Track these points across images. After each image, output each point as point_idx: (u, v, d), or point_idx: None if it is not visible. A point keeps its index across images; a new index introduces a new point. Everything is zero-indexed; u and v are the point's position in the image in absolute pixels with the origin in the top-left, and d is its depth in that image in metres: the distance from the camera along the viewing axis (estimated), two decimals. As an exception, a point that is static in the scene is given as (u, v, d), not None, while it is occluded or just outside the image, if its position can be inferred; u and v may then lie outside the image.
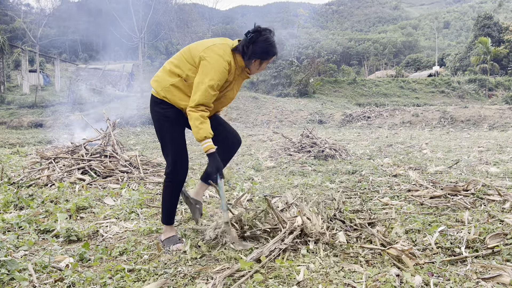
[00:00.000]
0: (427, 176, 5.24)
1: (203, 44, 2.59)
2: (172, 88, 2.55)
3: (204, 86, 2.44)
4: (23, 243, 2.80)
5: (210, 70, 2.46)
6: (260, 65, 2.66)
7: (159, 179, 5.20)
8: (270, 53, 2.61)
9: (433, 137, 12.86)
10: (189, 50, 2.59)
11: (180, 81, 2.56)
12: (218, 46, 2.55)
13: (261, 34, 2.56)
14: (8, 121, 20.17)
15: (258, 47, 2.56)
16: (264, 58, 2.62)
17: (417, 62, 58.53)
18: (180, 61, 2.58)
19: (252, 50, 2.55)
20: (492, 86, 34.39)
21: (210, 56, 2.49)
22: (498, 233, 2.64)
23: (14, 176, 5.26)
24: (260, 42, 2.56)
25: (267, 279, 2.20)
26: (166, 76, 2.58)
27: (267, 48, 2.58)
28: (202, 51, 2.52)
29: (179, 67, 2.57)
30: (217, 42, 2.60)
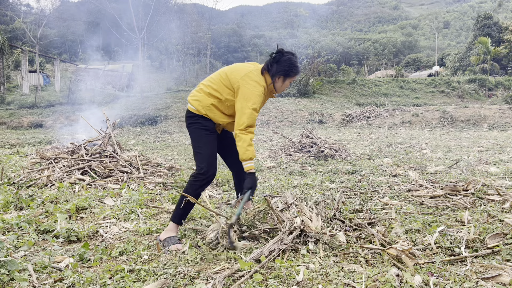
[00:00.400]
0: (427, 176, 5.24)
1: (239, 71, 2.91)
2: (212, 107, 2.92)
3: (248, 110, 2.79)
4: (23, 243, 2.80)
5: (251, 95, 2.81)
6: (283, 82, 2.97)
7: (159, 179, 5.20)
8: (293, 71, 2.94)
9: (433, 137, 12.86)
10: (227, 76, 2.91)
11: (218, 102, 2.92)
12: (253, 73, 2.89)
13: (283, 55, 2.93)
14: (8, 122, 20.17)
15: (281, 66, 2.91)
16: (287, 75, 2.94)
17: (417, 62, 58.54)
18: (219, 86, 2.92)
19: (276, 69, 2.91)
20: (492, 86, 34.38)
21: (249, 83, 2.84)
22: (498, 233, 2.64)
23: (14, 177, 5.26)
24: (283, 61, 2.91)
25: (267, 279, 2.20)
26: (207, 97, 2.93)
27: (289, 67, 2.92)
28: (241, 79, 2.85)
29: (218, 91, 2.91)
30: (252, 68, 2.93)
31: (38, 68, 31.81)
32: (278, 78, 2.95)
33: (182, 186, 4.92)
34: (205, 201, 3.27)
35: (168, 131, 17.92)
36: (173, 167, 6.07)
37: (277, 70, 2.91)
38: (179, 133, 17.52)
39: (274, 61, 2.91)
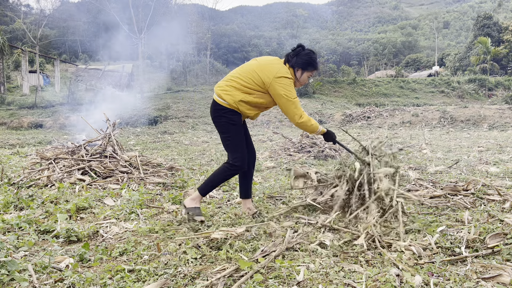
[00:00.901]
0: (427, 176, 5.24)
1: (270, 71, 3.10)
2: (242, 102, 3.14)
3: (294, 100, 3.10)
4: (23, 243, 2.80)
5: (289, 89, 3.09)
6: (301, 75, 3.21)
7: (159, 179, 5.20)
8: (311, 65, 3.20)
9: (433, 137, 12.86)
10: (259, 76, 3.11)
11: (248, 96, 3.14)
12: (281, 71, 3.11)
13: (304, 49, 3.21)
14: (8, 122, 20.17)
15: (301, 59, 3.17)
16: (305, 69, 3.20)
17: (417, 62, 58.54)
18: (249, 82, 3.13)
19: (296, 61, 3.17)
20: (491, 86, 34.39)
21: (281, 81, 3.08)
22: (498, 233, 2.64)
23: (14, 177, 5.26)
24: (303, 55, 3.18)
25: (267, 279, 2.20)
26: (238, 92, 3.13)
27: (308, 61, 3.18)
28: (273, 80, 3.07)
29: (248, 88, 3.13)
30: (279, 66, 3.14)
31: (38, 68, 31.79)
32: (297, 70, 3.20)
33: (182, 186, 4.92)
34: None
35: (168, 131, 17.93)
36: (173, 167, 6.07)
37: (296, 62, 3.17)
38: (179, 133, 17.53)
39: (294, 54, 3.18)
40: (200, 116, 22.59)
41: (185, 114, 22.69)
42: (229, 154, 3.27)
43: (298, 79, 3.22)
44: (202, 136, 15.26)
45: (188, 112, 23.19)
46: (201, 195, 3.30)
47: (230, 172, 3.25)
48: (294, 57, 3.18)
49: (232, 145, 3.23)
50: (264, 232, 2.92)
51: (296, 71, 3.19)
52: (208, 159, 7.81)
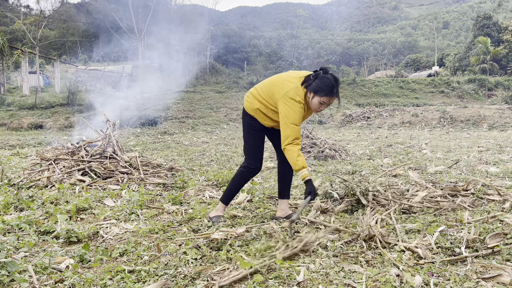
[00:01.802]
0: (427, 176, 5.24)
1: (282, 88, 3.06)
2: (258, 111, 3.21)
3: (292, 126, 2.98)
4: (23, 244, 2.80)
5: (289, 113, 2.99)
6: (311, 99, 3.02)
7: (159, 180, 5.20)
8: (323, 90, 2.97)
9: (432, 137, 12.86)
10: (272, 90, 3.11)
11: (265, 108, 3.18)
12: (292, 92, 3.02)
13: (325, 73, 3.01)
14: (8, 123, 20.16)
15: (315, 82, 2.99)
16: (316, 93, 2.99)
17: (417, 62, 58.54)
18: (266, 95, 3.15)
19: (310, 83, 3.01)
20: (491, 86, 34.40)
21: (288, 102, 3.00)
22: (498, 233, 2.64)
23: (14, 178, 5.26)
24: (319, 78, 2.99)
25: (267, 279, 2.20)
26: (255, 101, 3.21)
27: (320, 85, 2.97)
28: (280, 98, 3.03)
29: (264, 99, 3.16)
30: (292, 86, 3.04)
31: (38, 69, 31.78)
32: (310, 94, 3.02)
33: (182, 186, 4.92)
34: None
35: (168, 132, 17.93)
36: (173, 167, 6.07)
37: (310, 85, 3.01)
38: (179, 134, 17.53)
39: (314, 76, 3.03)
40: (200, 117, 22.59)
41: (185, 115, 22.69)
42: (245, 156, 3.38)
43: (309, 103, 3.05)
44: (202, 137, 15.26)
45: (188, 113, 23.19)
46: (224, 204, 3.42)
47: (244, 175, 3.36)
48: (312, 79, 3.02)
49: (248, 148, 3.35)
50: (264, 233, 2.93)
51: (308, 94, 3.03)
52: (208, 160, 7.82)
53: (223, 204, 3.41)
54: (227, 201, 3.42)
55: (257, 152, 3.32)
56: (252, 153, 3.33)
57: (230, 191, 3.40)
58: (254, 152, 3.32)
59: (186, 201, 4.21)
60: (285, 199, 3.48)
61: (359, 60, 67.33)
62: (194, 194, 4.45)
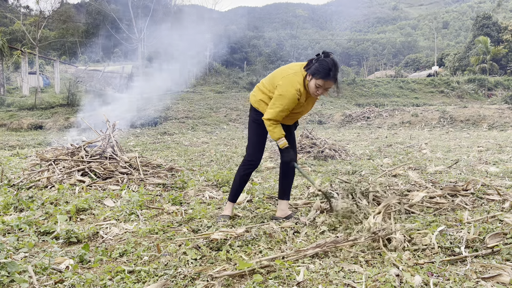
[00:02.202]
0: (426, 176, 5.24)
1: (282, 72, 3.17)
2: (261, 102, 3.27)
3: (276, 110, 3.08)
4: (23, 245, 2.80)
5: (282, 98, 3.06)
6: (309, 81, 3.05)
7: (159, 180, 5.20)
8: (320, 72, 2.97)
9: (432, 137, 12.87)
10: (274, 77, 3.21)
11: (266, 97, 3.24)
12: (290, 76, 3.09)
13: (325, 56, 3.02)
14: (8, 123, 20.15)
15: (315, 66, 3.01)
16: (313, 76, 3.01)
17: (416, 62, 58.55)
18: (268, 84, 3.23)
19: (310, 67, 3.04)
20: (491, 86, 34.40)
21: (283, 86, 3.07)
22: (498, 233, 2.64)
23: (14, 178, 5.26)
24: (319, 61, 3.01)
25: (267, 279, 2.20)
26: (259, 93, 3.29)
27: (317, 68, 2.99)
28: (280, 79, 3.12)
29: (267, 89, 3.23)
30: (292, 71, 3.12)
31: (38, 69, 31.77)
32: (308, 76, 3.06)
33: (182, 187, 4.92)
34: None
35: (168, 132, 17.92)
36: (173, 168, 6.07)
37: (310, 69, 3.03)
38: (179, 134, 17.52)
39: (316, 60, 3.04)
40: (199, 117, 22.58)
41: (185, 115, 22.68)
42: (246, 149, 3.46)
43: (308, 87, 3.09)
44: (201, 137, 15.26)
45: (188, 113, 23.18)
46: (230, 201, 3.47)
47: (243, 168, 3.41)
48: (314, 62, 3.05)
49: (249, 140, 3.42)
50: (264, 233, 2.93)
51: (307, 77, 3.07)
52: (208, 160, 7.82)
53: (230, 202, 3.47)
54: (233, 198, 3.47)
55: (256, 145, 3.37)
56: (252, 146, 3.38)
57: (235, 188, 3.45)
58: (254, 145, 3.37)
59: (186, 201, 4.21)
60: (285, 200, 3.49)
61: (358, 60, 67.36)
62: (194, 194, 4.45)
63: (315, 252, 2.51)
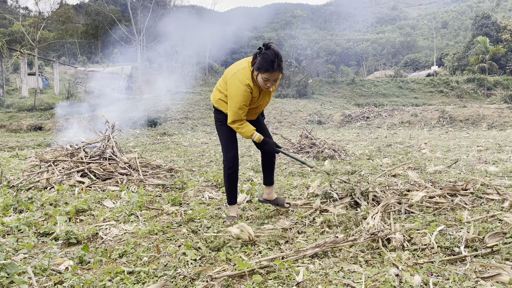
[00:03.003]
0: (426, 175, 5.24)
1: (231, 71, 3.19)
2: (220, 101, 3.33)
3: (234, 109, 3.12)
4: (23, 246, 2.80)
5: (234, 96, 3.11)
6: (256, 77, 3.08)
7: (158, 181, 5.20)
8: (263, 66, 2.99)
9: (432, 137, 12.87)
10: (225, 75, 3.24)
11: (223, 96, 3.28)
12: (239, 73, 3.11)
13: (266, 49, 3.01)
14: (7, 124, 20.14)
15: (258, 60, 3.02)
16: (258, 70, 3.03)
17: (416, 62, 58.59)
18: (223, 83, 3.28)
19: (255, 62, 3.06)
20: (490, 85, 34.42)
21: (233, 84, 3.11)
22: (497, 232, 2.64)
23: (14, 179, 5.26)
24: (261, 55, 3.01)
25: (267, 280, 2.20)
26: (217, 93, 3.35)
27: (260, 62, 3.00)
28: (229, 80, 3.15)
29: (222, 87, 3.28)
30: (241, 67, 3.14)
31: (37, 70, 31.75)
32: (255, 72, 3.08)
33: (181, 187, 4.92)
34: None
35: (168, 132, 17.92)
36: (173, 168, 6.07)
37: (255, 64, 3.05)
38: (179, 134, 17.52)
39: (258, 54, 3.04)
40: (199, 118, 22.59)
41: (184, 116, 22.69)
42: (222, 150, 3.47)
43: (257, 82, 3.11)
44: (201, 138, 15.26)
45: (187, 114, 23.19)
46: (229, 204, 3.52)
47: (226, 173, 3.43)
48: (257, 57, 3.05)
49: (220, 141, 3.47)
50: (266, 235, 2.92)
51: (255, 72, 3.08)
52: (208, 161, 7.81)
53: (230, 205, 3.52)
54: (232, 200, 3.50)
55: (228, 143, 3.40)
56: (224, 146, 3.42)
57: (228, 190, 3.49)
58: (225, 144, 3.40)
59: (186, 202, 4.21)
60: (270, 185, 3.66)
61: (358, 60, 67.39)
62: (194, 195, 4.45)
63: (315, 252, 2.51)
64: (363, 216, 3.28)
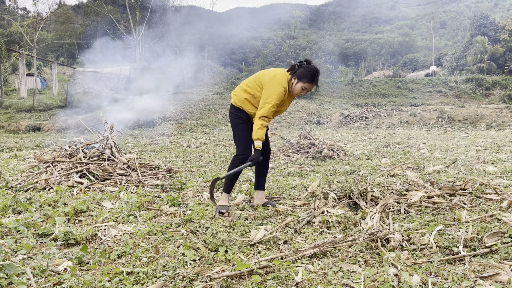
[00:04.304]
0: (425, 175, 5.25)
1: (269, 74, 3.59)
2: (245, 101, 3.66)
3: (268, 105, 3.47)
4: (21, 247, 2.79)
5: (271, 94, 3.48)
6: (295, 84, 3.53)
7: (157, 181, 5.19)
8: (306, 77, 3.49)
9: (430, 137, 12.89)
10: (259, 77, 3.62)
11: (251, 97, 3.63)
12: (278, 76, 3.54)
13: (309, 63, 3.54)
14: (6, 125, 20.11)
15: (301, 71, 3.51)
16: (300, 79, 3.51)
17: (414, 62, 58.67)
18: (252, 84, 3.63)
19: (296, 72, 3.53)
20: (489, 85, 34.49)
21: (273, 84, 3.50)
22: (496, 232, 2.64)
23: (12, 180, 5.25)
24: (304, 67, 3.52)
25: (266, 280, 2.20)
26: (242, 92, 3.68)
27: (304, 73, 3.49)
28: (268, 79, 3.53)
29: (251, 88, 3.63)
30: (279, 73, 3.58)
31: (36, 71, 31.72)
32: (294, 80, 3.53)
33: (180, 188, 4.92)
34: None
35: (166, 133, 17.91)
36: (172, 169, 6.07)
37: (296, 73, 3.52)
38: (177, 135, 17.52)
39: (299, 65, 3.54)
40: (198, 118, 22.58)
41: (183, 116, 22.68)
42: (235, 145, 3.76)
43: (292, 88, 3.55)
44: (200, 138, 15.26)
45: (186, 114, 23.18)
46: (225, 192, 3.75)
47: (237, 161, 3.66)
48: (297, 67, 3.53)
49: (239, 137, 3.73)
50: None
51: (292, 80, 3.53)
52: (207, 161, 7.81)
53: (226, 193, 3.75)
54: (227, 189, 3.76)
55: (244, 141, 3.69)
56: (240, 142, 3.71)
57: (230, 181, 3.75)
58: (242, 141, 3.70)
59: (185, 202, 4.21)
60: (261, 190, 3.94)
61: (356, 60, 67.42)
62: (193, 195, 4.45)
63: (314, 252, 2.52)
64: (362, 216, 3.29)
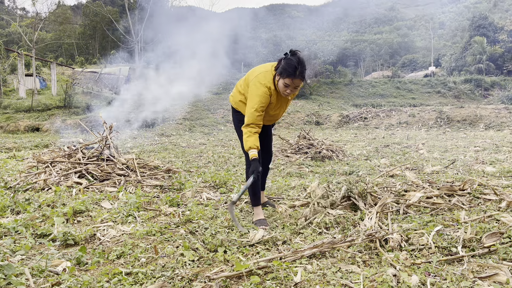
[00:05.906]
0: (423, 176, 5.25)
1: (253, 73, 3.22)
2: (240, 103, 3.37)
3: (250, 110, 3.10)
4: (20, 247, 2.79)
5: (253, 97, 3.10)
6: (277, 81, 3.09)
7: (156, 182, 5.19)
8: (286, 71, 2.99)
9: (429, 137, 12.90)
10: (248, 77, 3.26)
11: (244, 98, 3.32)
12: (262, 75, 3.13)
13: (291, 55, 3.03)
14: (4, 126, 20.09)
15: (281, 65, 3.03)
16: (280, 75, 3.04)
17: (413, 63, 58.76)
18: (244, 84, 3.30)
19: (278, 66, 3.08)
20: (487, 86, 34.55)
21: (254, 85, 3.12)
22: (494, 232, 2.65)
23: (11, 181, 5.24)
24: (285, 60, 3.03)
25: (265, 280, 2.20)
26: (238, 94, 3.38)
27: (283, 67, 3.01)
28: (251, 81, 3.16)
29: (243, 89, 3.32)
30: (264, 70, 3.17)
31: (35, 71, 31.70)
32: (277, 76, 3.09)
33: (179, 188, 4.92)
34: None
35: (166, 133, 17.91)
36: (171, 169, 6.07)
37: (278, 68, 3.06)
38: (176, 135, 17.51)
39: (283, 59, 3.06)
40: (197, 118, 22.59)
41: (182, 116, 22.68)
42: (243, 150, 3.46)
43: (277, 87, 3.13)
44: (199, 138, 15.25)
45: (185, 114, 23.18)
46: (255, 206, 3.38)
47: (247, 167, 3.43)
48: (282, 62, 3.06)
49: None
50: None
51: (276, 77, 3.10)
52: (206, 161, 7.81)
53: (255, 206, 3.39)
54: (256, 202, 3.38)
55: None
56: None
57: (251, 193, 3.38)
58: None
59: (184, 203, 4.21)
60: (261, 190, 3.73)
61: (355, 61, 67.51)
62: (192, 196, 4.45)
63: (313, 253, 2.52)
64: (361, 216, 3.29)
